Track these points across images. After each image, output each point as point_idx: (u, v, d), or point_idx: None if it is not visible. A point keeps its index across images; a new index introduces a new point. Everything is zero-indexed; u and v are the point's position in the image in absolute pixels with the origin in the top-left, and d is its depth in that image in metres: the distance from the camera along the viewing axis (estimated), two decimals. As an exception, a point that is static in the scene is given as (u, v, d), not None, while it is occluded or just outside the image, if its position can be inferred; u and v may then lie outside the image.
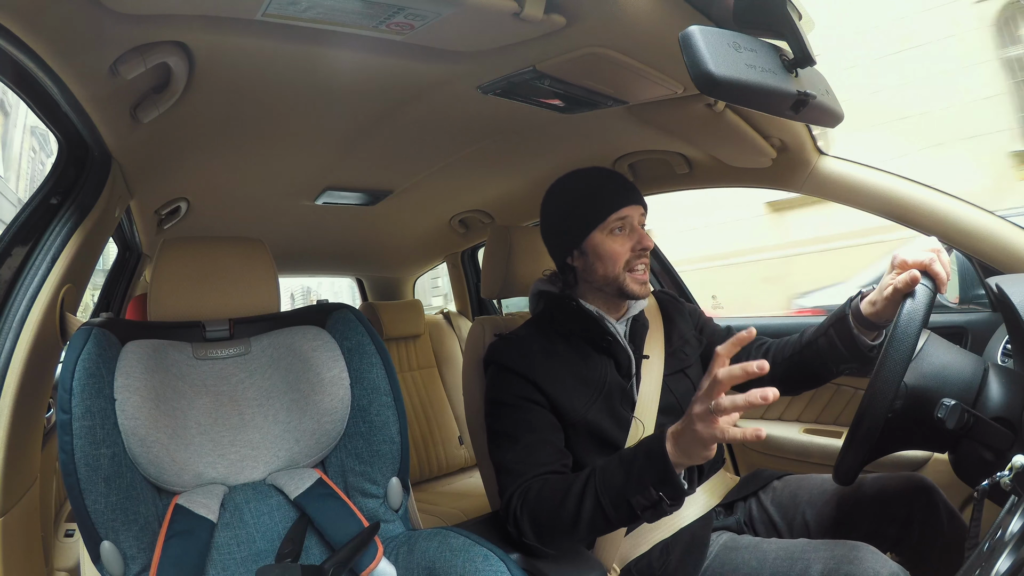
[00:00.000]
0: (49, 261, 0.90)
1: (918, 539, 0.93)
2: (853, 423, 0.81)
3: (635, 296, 1.06)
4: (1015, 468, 0.59)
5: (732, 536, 0.99)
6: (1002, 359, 1.07)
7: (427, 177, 1.56)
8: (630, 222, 1.05)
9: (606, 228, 1.05)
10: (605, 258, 1.05)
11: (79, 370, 0.83)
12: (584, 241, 1.06)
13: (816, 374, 1.08)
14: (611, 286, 1.06)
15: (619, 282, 1.05)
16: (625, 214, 1.04)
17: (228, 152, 1.25)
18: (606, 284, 1.06)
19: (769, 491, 1.09)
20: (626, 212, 1.04)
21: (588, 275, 1.08)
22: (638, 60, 0.91)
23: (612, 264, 1.05)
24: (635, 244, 1.05)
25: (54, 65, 0.74)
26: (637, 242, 1.05)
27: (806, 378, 1.10)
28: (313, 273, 2.69)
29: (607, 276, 1.05)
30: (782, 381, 1.12)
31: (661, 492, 0.78)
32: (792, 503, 1.05)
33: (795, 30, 0.72)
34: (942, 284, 0.84)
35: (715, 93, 0.65)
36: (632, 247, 1.04)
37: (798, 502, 1.04)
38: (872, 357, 0.99)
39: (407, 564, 0.90)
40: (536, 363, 1.02)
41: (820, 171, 1.31)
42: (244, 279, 1.04)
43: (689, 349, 1.17)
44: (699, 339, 1.21)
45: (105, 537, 0.80)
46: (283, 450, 1.00)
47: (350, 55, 0.89)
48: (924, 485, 0.96)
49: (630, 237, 1.05)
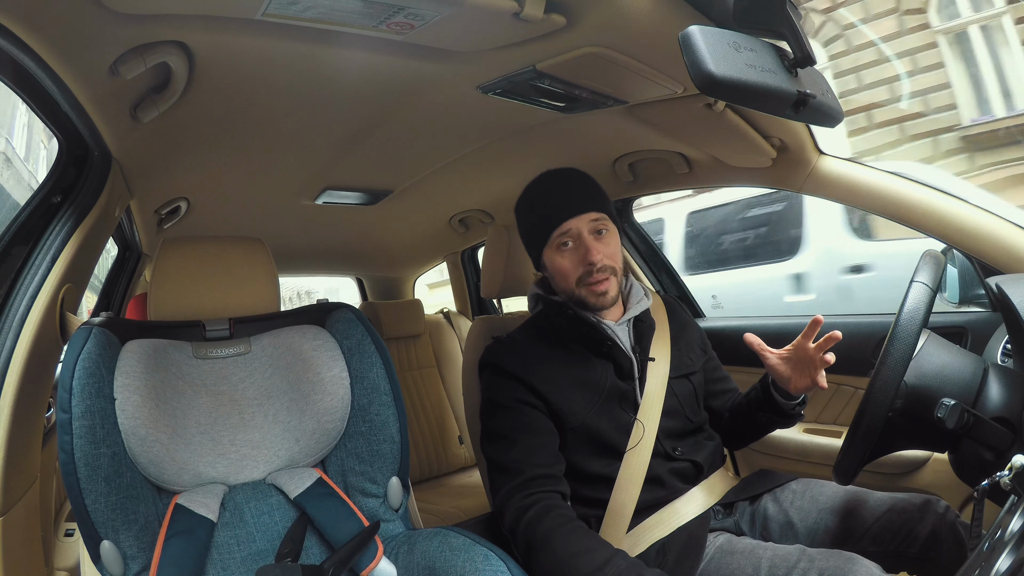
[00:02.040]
0: (49, 261, 0.90)
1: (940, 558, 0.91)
2: (853, 423, 0.81)
3: (595, 307, 1.04)
4: (1015, 468, 0.59)
5: (729, 538, 0.98)
6: (1002, 359, 1.07)
7: (427, 177, 1.56)
8: (575, 235, 1.02)
9: (552, 245, 1.04)
10: (557, 275, 1.05)
11: (79, 369, 0.82)
12: (542, 258, 1.07)
13: (753, 435, 1.18)
14: (573, 301, 1.05)
15: (577, 296, 1.04)
16: (567, 228, 1.01)
17: (228, 152, 1.25)
18: (568, 298, 1.06)
19: (788, 494, 1.07)
20: (569, 226, 1.01)
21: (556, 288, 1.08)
22: (638, 60, 0.91)
23: (564, 280, 1.04)
24: (580, 259, 1.01)
25: (54, 65, 0.74)
26: (583, 256, 1.01)
27: (747, 437, 1.20)
28: (313, 273, 2.69)
29: (566, 291, 1.05)
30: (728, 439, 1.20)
31: None
32: (814, 508, 1.03)
33: (795, 30, 0.72)
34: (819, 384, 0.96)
35: (715, 93, 0.65)
36: (580, 261, 1.01)
37: (820, 509, 1.02)
38: (801, 415, 1.07)
39: (407, 564, 0.90)
40: (533, 367, 1.02)
41: (820, 171, 1.31)
42: (244, 279, 1.04)
43: (694, 356, 1.16)
44: (703, 350, 1.21)
45: (105, 537, 0.80)
46: (283, 450, 1.00)
47: (350, 55, 0.89)
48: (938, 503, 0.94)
49: (576, 251, 1.02)
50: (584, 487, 1.01)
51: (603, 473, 1.00)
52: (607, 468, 1.00)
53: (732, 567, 0.91)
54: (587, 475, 1.01)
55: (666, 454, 1.04)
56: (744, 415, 1.14)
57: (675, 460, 1.05)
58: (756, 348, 0.98)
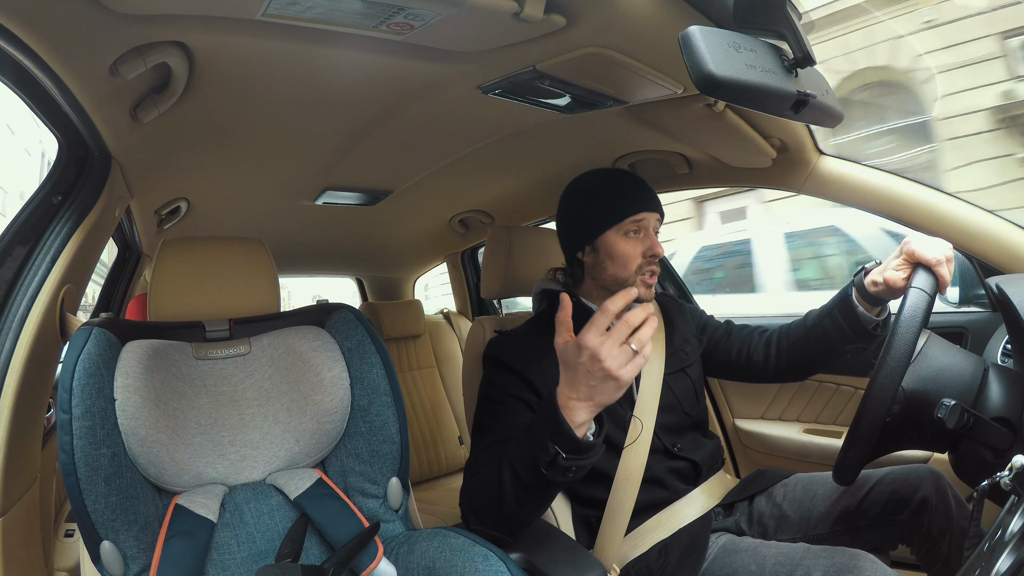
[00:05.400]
0: (49, 261, 0.90)
1: (928, 526, 0.93)
2: (853, 423, 0.81)
3: (640, 300, 1.06)
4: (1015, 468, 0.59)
5: (731, 538, 0.99)
6: (1002, 359, 1.07)
7: (427, 177, 1.56)
8: (645, 226, 1.07)
9: (622, 229, 1.06)
10: (617, 258, 1.06)
11: (79, 370, 0.82)
12: (598, 238, 1.07)
13: (823, 357, 1.08)
14: (619, 287, 1.06)
15: (628, 283, 1.05)
16: (642, 218, 1.06)
17: (228, 152, 1.25)
18: (614, 284, 1.07)
19: (781, 488, 1.09)
20: (643, 216, 1.06)
21: (596, 272, 1.09)
22: (638, 60, 0.91)
23: (623, 266, 1.05)
24: (647, 250, 1.06)
25: (54, 65, 0.74)
26: (649, 248, 1.06)
27: (813, 361, 1.11)
28: (313, 273, 2.69)
29: (617, 276, 1.06)
30: (789, 366, 1.13)
31: (557, 445, 0.75)
32: (808, 496, 1.05)
33: (795, 30, 0.72)
34: (944, 286, 0.84)
35: (715, 93, 0.65)
36: (644, 252, 1.05)
37: (814, 496, 1.04)
38: (876, 335, 1.00)
39: (407, 564, 0.90)
40: (531, 360, 1.02)
41: (820, 171, 1.31)
42: (244, 279, 1.04)
43: (689, 349, 1.17)
44: (700, 339, 1.22)
45: (105, 537, 0.80)
46: (283, 450, 1.00)
47: (350, 55, 0.89)
48: (932, 472, 0.97)
49: (643, 242, 1.06)
50: (583, 485, 1.01)
51: (601, 470, 1.00)
52: (605, 465, 1.00)
53: (736, 566, 0.91)
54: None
55: (665, 450, 1.04)
56: (812, 326, 1.08)
57: (674, 458, 1.05)
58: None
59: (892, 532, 0.96)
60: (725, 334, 1.21)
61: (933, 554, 0.93)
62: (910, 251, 0.88)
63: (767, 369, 1.15)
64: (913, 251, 0.87)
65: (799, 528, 1.02)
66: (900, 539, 0.97)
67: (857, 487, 1.00)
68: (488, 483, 0.86)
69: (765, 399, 1.69)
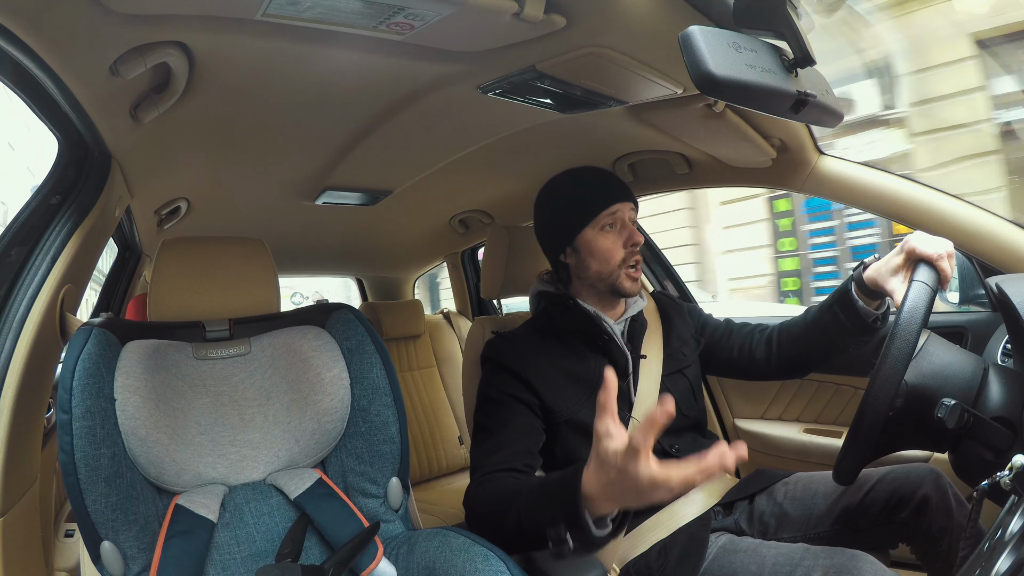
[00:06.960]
0: (49, 261, 0.90)
1: (929, 524, 0.93)
2: (853, 423, 0.81)
3: (627, 293, 1.07)
4: (1015, 468, 0.59)
5: (731, 538, 0.99)
6: (1002, 359, 1.07)
7: (427, 177, 1.56)
8: (620, 218, 1.07)
9: (597, 225, 1.06)
10: (598, 255, 1.06)
11: (79, 370, 0.82)
12: (576, 238, 1.07)
13: (823, 352, 1.08)
14: (604, 283, 1.07)
15: (613, 279, 1.06)
16: (615, 210, 1.06)
17: (228, 152, 1.25)
18: (599, 281, 1.07)
19: (782, 486, 1.09)
20: (616, 208, 1.06)
21: (581, 272, 1.09)
22: (638, 60, 0.91)
23: (606, 261, 1.06)
24: (626, 240, 1.06)
25: (54, 65, 0.74)
26: (628, 238, 1.06)
27: (814, 357, 1.11)
28: (313, 273, 2.69)
29: (601, 273, 1.06)
30: (791, 363, 1.13)
31: (570, 533, 0.69)
32: (808, 495, 1.05)
33: (795, 30, 0.72)
34: (945, 281, 0.84)
35: (715, 93, 0.65)
36: (624, 243, 1.06)
37: (814, 494, 1.04)
38: (876, 328, 1.00)
39: (407, 564, 0.90)
40: (528, 360, 1.03)
41: (820, 171, 1.31)
42: (244, 279, 1.03)
43: (687, 349, 1.17)
44: (698, 339, 1.22)
45: (105, 537, 0.80)
46: (283, 450, 1.00)
47: (350, 55, 0.89)
48: (933, 471, 0.97)
49: (621, 234, 1.07)
50: None
51: None
52: None
53: (735, 566, 0.91)
54: None
55: (663, 451, 1.04)
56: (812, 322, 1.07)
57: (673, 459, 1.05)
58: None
59: (893, 531, 0.96)
60: (725, 333, 1.21)
61: (933, 553, 0.93)
62: (911, 248, 0.88)
63: (768, 366, 1.15)
64: (914, 247, 0.87)
65: (800, 527, 1.02)
66: (901, 538, 0.96)
67: (858, 486, 1.00)
68: (493, 514, 0.85)
69: (765, 399, 1.69)
